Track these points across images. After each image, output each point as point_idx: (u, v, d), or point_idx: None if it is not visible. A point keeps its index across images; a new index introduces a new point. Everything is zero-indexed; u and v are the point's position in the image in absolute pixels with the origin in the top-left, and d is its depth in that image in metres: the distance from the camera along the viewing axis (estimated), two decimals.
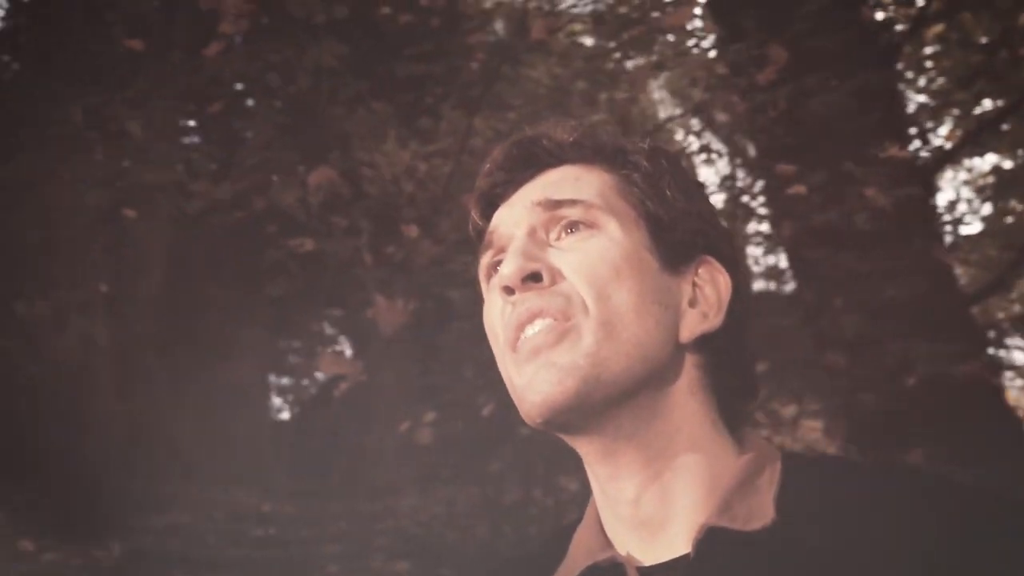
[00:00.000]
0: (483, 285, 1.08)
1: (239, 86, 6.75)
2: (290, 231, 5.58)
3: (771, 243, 5.43)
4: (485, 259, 1.08)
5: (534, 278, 1.00)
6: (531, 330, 0.99)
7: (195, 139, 8.00)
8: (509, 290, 1.01)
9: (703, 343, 1.01)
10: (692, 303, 1.02)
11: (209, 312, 10.86)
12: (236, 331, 11.18)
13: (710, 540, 0.95)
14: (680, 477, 0.99)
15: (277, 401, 14.94)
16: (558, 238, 1.03)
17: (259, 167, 5.63)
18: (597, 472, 1.03)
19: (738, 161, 6.43)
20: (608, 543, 1.03)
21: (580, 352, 0.96)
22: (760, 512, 0.95)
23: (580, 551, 1.05)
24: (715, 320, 1.02)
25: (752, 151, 5.83)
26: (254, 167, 5.67)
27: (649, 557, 1.00)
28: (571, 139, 1.07)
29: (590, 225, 1.02)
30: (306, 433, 12.15)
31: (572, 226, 1.03)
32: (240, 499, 10.22)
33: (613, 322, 0.97)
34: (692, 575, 0.94)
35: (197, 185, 5.07)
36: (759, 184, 5.22)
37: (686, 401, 1.01)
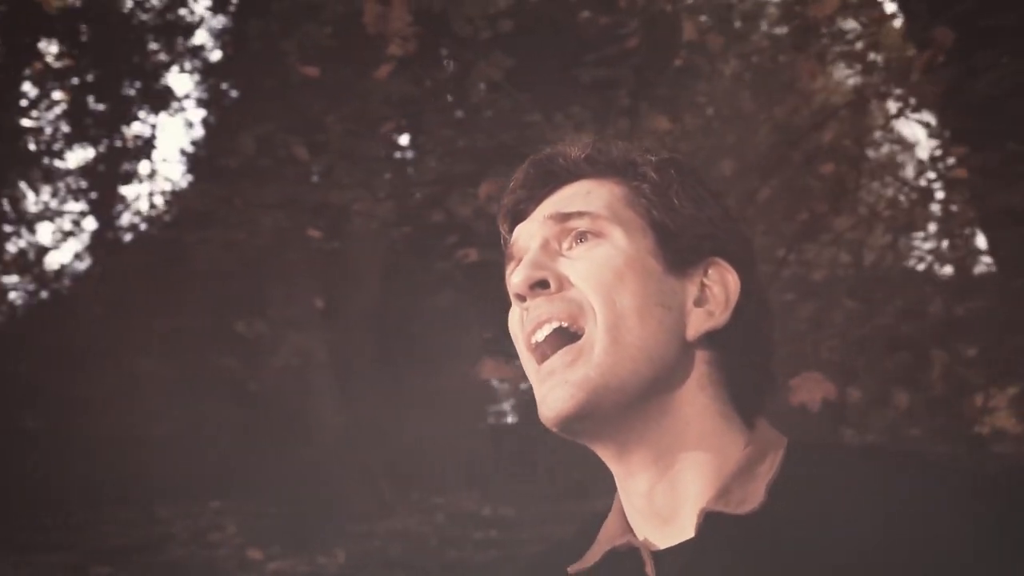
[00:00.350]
0: (511, 294, 1.19)
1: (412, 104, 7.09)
2: (469, 243, 5.83)
3: (957, 224, 5.25)
4: (508, 270, 1.19)
5: (542, 285, 1.11)
6: (541, 334, 1.10)
7: (374, 157, 8.48)
8: (521, 297, 1.12)
9: (711, 340, 1.10)
10: (699, 302, 1.11)
11: (422, 321, 11.35)
12: (452, 338, 11.65)
13: (709, 524, 1.04)
14: (688, 469, 1.08)
15: (496, 406, 15.40)
16: (570, 248, 1.13)
17: (437, 181, 5.91)
18: (614, 470, 1.13)
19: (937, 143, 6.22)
20: (629, 530, 1.12)
21: (591, 364, 1.06)
22: (753, 497, 1.03)
23: (605, 537, 1.15)
24: (721, 318, 1.10)
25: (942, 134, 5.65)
26: (432, 181, 5.96)
27: (663, 543, 1.08)
28: (583, 155, 1.17)
29: (597, 235, 1.12)
30: (524, 436, 12.51)
31: (581, 236, 1.12)
32: (460, 503, 10.68)
33: (618, 326, 1.06)
34: (696, 557, 1.03)
35: (361, 204, 5.41)
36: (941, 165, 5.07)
37: (695, 396, 1.10)
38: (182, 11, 11.38)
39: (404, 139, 9.90)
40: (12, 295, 11.49)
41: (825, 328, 5.13)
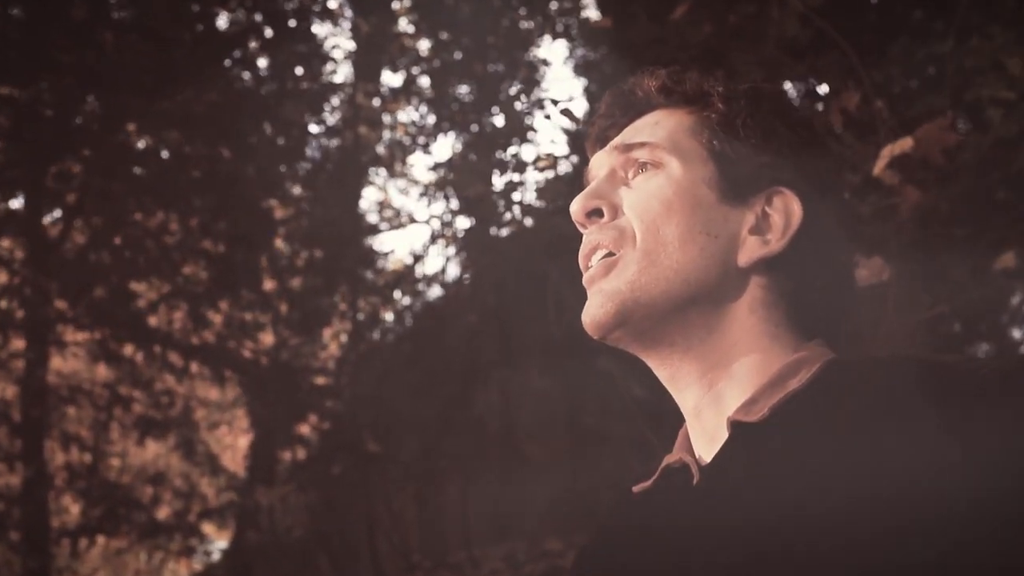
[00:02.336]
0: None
1: None
2: None
3: None
4: None
5: (597, 213, 1.40)
6: (595, 259, 1.38)
7: None
8: (581, 224, 1.43)
9: (768, 266, 1.34)
10: (755, 230, 1.35)
11: None
12: None
13: (735, 433, 1.29)
14: (732, 385, 1.33)
15: None
16: (633, 177, 1.40)
17: None
18: (668, 387, 1.44)
19: None
20: (688, 449, 1.38)
21: (623, 279, 1.33)
22: (771, 406, 1.27)
23: (667, 457, 1.44)
24: (776, 246, 1.34)
25: None
26: None
27: (711, 457, 1.33)
28: (657, 85, 1.47)
29: (655, 165, 1.38)
30: None
31: (642, 166, 1.39)
32: None
33: (657, 251, 1.32)
34: (725, 463, 1.28)
35: None
36: None
37: (746, 317, 1.34)
38: None
39: None
40: (385, 314, 12.82)
41: None
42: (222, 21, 10.36)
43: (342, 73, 14.17)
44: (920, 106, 4.98)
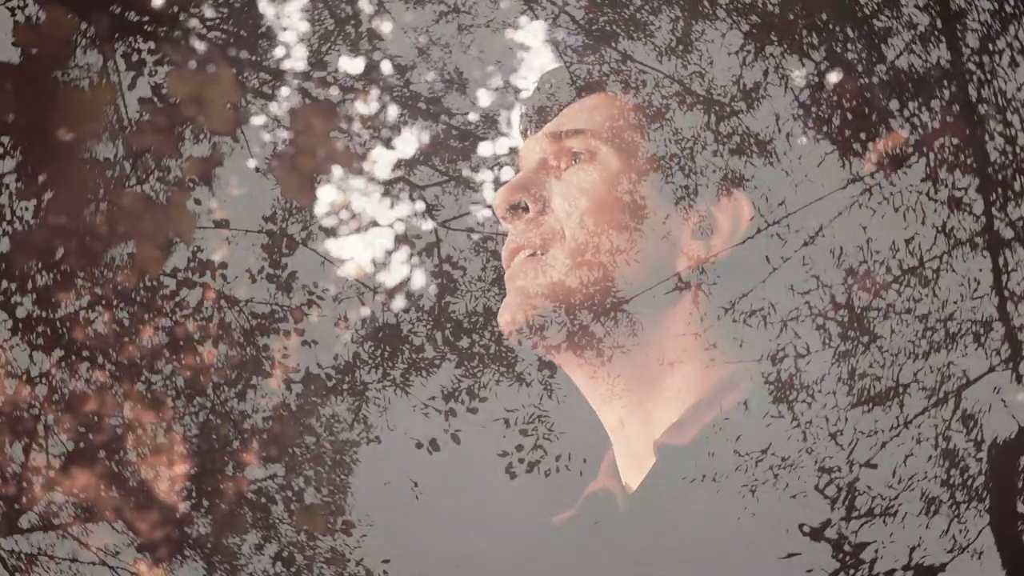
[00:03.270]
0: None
1: None
2: None
3: None
4: None
5: (522, 208, 1.38)
6: (517, 260, 1.36)
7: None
8: (504, 219, 1.41)
9: (710, 273, 1.29)
10: (697, 233, 1.31)
11: None
12: None
13: (664, 457, 1.23)
14: (661, 403, 1.29)
15: None
16: (566, 168, 1.39)
17: None
18: (589, 400, 1.37)
19: None
20: (614, 475, 1.34)
21: (547, 280, 1.31)
22: (701, 428, 1.22)
23: (591, 484, 1.39)
24: (721, 251, 1.29)
25: None
26: None
27: (637, 483, 1.29)
28: (600, 65, 1.41)
29: (589, 155, 1.36)
30: None
31: (576, 156, 1.38)
32: None
33: (586, 252, 1.29)
34: (655, 490, 1.23)
35: None
36: None
37: (681, 328, 1.29)
38: None
39: None
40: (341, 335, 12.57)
41: None
42: None
43: (294, 58, 14.02)
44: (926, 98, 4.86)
